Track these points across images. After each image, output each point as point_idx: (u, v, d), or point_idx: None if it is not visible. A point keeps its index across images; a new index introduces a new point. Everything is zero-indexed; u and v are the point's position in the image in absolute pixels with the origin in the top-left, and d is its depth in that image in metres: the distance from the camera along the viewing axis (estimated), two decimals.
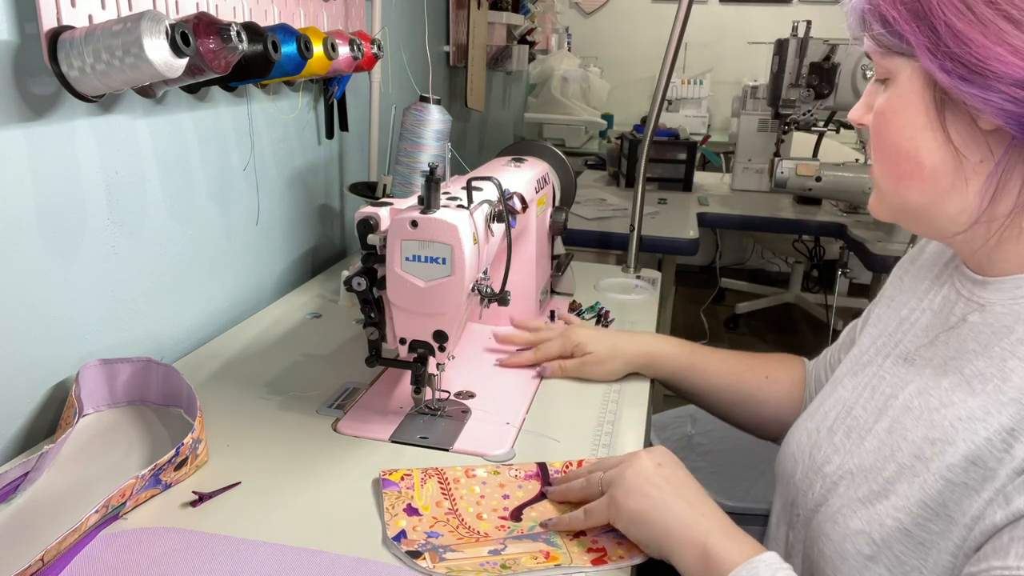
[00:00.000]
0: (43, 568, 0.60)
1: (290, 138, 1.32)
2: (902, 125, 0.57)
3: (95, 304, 0.90)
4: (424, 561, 0.63)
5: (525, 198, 1.02)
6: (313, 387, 0.95)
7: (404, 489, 0.73)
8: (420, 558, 0.63)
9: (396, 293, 0.79)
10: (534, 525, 0.71)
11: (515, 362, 1.03)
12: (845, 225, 2.10)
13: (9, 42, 0.74)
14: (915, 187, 0.59)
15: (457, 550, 0.65)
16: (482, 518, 0.70)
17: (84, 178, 0.86)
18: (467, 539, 0.68)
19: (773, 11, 4.18)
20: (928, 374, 0.62)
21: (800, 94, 2.06)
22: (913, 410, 0.61)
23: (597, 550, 0.67)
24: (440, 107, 1.20)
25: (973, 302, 0.62)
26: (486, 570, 0.62)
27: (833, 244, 3.30)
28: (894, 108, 0.58)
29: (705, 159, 3.04)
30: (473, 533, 0.69)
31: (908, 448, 0.59)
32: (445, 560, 0.63)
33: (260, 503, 0.72)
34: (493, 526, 0.70)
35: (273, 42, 0.93)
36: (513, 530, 0.70)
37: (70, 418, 0.79)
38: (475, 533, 0.69)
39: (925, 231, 0.64)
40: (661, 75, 1.41)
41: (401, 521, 0.69)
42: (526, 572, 0.63)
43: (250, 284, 1.24)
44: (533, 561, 0.64)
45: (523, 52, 3.00)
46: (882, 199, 0.64)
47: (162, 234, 1.00)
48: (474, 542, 0.67)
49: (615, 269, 1.53)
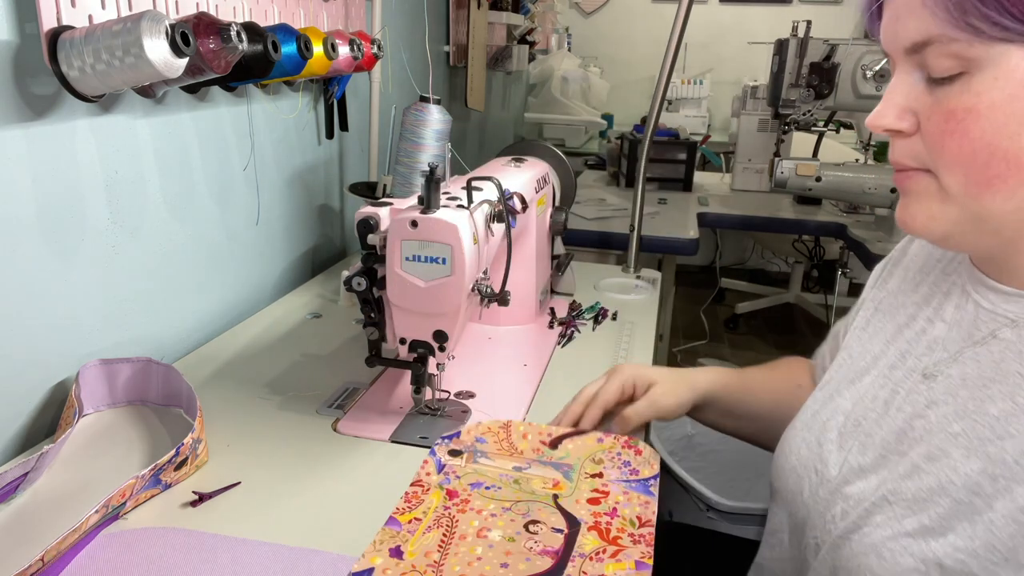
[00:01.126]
0: (43, 568, 0.60)
1: (290, 138, 1.32)
2: (1004, 121, 0.49)
3: (95, 304, 0.90)
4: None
5: (525, 198, 1.02)
6: (313, 387, 0.95)
7: (405, 532, 0.68)
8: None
9: (396, 293, 0.79)
10: (567, 456, 0.80)
11: (571, 421, 0.85)
12: (845, 225, 2.10)
13: (9, 42, 0.74)
14: (1005, 191, 0.51)
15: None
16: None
17: (84, 178, 0.86)
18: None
19: (773, 11, 4.18)
20: (964, 396, 0.56)
21: (800, 94, 2.06)
22: (958, 438, 0.55)
23: (603, 492, 0.74)
24: (440, 107, 1.20)
25: (1001, 316, 0.57)
26: (502, 481, 0.75)
27: (833, 244, 3.30)
28: (992, 102, 0.49)
29: (705, 159, 3.04)
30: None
31: (961, 482, 0.53)
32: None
33: (260, 503, 0.72)
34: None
35: (273, 42, 0.93)
36: (545, 454, 0.80)
37: (70, 418, 0.79)
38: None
39: (978, 244, 0.57)
40: (661, 75, 1.41)
41: (377, 559, 0.64)
42: (529, 493, 0.73)
43: (250, 284, 1.24)
44: (541, 485, 0.74)
45: (523, 52, 3.00)
46: (949, 209, 0.54)
47: (162, 234, 1.00)
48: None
49: (615, 269, 1.53)
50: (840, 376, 0.71)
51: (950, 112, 0.51)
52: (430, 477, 0.75)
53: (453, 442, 0.80)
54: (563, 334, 1.15)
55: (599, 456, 0.79)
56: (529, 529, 0.69)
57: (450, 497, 0.73)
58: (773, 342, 3.52)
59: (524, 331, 1.16)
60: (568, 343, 1.13)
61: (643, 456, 0.79)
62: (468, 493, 0.73)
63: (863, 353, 0.70)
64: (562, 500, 0.73)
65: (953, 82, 0.51)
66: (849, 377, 0.69)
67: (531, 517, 0.70)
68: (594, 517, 0.70)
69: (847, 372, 0.70)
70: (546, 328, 1.17)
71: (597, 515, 0.71)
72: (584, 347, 1.12)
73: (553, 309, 1.24)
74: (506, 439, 0.81)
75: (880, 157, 2.35)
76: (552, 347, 1.11)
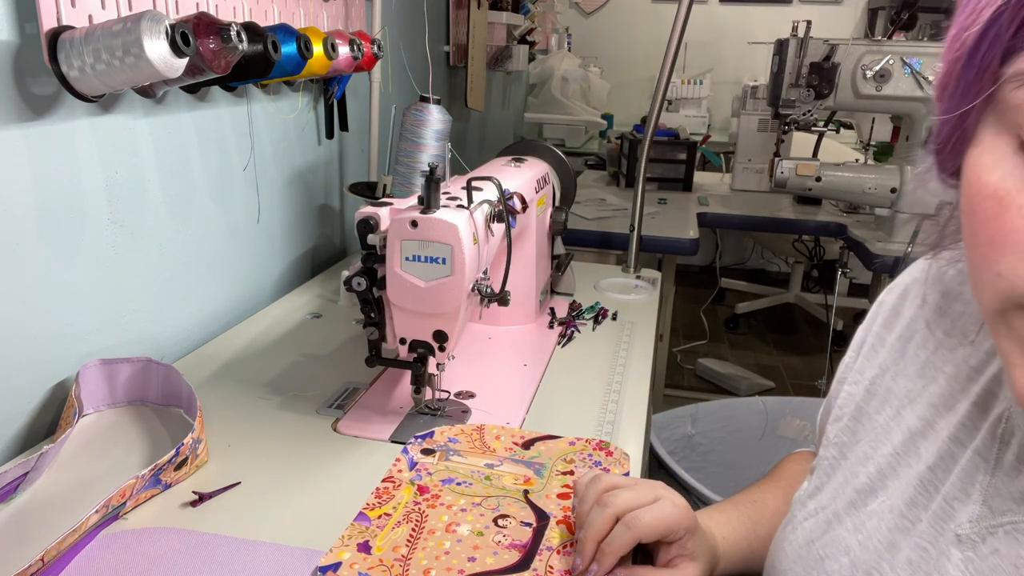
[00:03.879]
0: (43, 568, 0.60)
1: (290, 138, 1.32)
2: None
3: (95, 304, 0.90)
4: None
5: (525, 198, 1.02)
6: (313, 387, 0.95)
7: (374, 527, 0.68)
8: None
9: (396, 293, 0.79)
10: (539, 455, 0.80)
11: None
12: (845, 225, 2.10)
13: (9, 42, 0.74)
14: None
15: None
16: (429, 574, 0.63)
17: (84, 178, 0.86)
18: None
19: (773, 11, 4.18)
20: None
21: (800, 94, 2.06)
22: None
23: (573, 487, 0.72)
24: (440, 107, 1.20)
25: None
26: (474, 477, 0.75)
27: (833, 244, 3.30)
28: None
29: (705, 159, 3.04)
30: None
31: None
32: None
33: (260, 503, 0.72)
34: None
35: (273, 42, 0.93)
36: (517, 453, 0.80)
37: (70, 418, 0.79)
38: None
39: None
40: (661, 75, 1.41)
41: (345, 553, 0.64)
42: (499, 489, 0.73)
43: (250, 284, 1.24)
44: (512, 481, 0.74)
45: (523, 52, 3.00)
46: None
47: (162, 234, 1.00)
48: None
49: (615, 269, 1.53)
50: (835, 486, 0.56)
51: None
52: (401, 474, 0.76)
53: (426, 441, 0.81)
54: (563, 334, 1.15)
55: (571, 456, 0.80)
56: (498, 523, 0.69)
57: (421, 493, 0.73)
58: (773, 342, 3.52)
59: (524, 331, 1.16)
60: (568, 343, 1.13)
61: (613, 456, 0.80)
62: (439, 489, 0.74)
63: (863, 459, 0.54)
64: (532, 495, 0.73)
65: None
66: (850, 497, 0.54)
67: (500, 512, 0.70)
68: (563, 511, 0.71)
69: (844, 486, 0.55)
70: (546, 328, 1.17)
71: (566, 509, 0.71)
72: (584, 347, 1.12)
73: (553, 309, 1.24)
74: (479, 440, 0.82)
75: (880, 157, 2.35)
76: (552, 347, 1.11)
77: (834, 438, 0.58)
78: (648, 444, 1.18)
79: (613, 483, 0.64)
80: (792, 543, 0.57)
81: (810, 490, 0.59)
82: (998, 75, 0.34)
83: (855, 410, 0.57)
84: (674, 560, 0.62)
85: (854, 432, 0.57)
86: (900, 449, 0.52)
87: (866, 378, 0.58)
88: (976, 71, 0.35)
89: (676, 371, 3.10)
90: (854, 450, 0.56)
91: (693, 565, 0.62)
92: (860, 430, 0.56)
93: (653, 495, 0.62)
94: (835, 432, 0.59)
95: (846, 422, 0.58)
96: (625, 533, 0.59)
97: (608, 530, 0.60)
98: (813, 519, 0.56)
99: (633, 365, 1.06)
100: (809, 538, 0.55)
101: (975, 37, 0.34)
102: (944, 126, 0.39)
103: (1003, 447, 0.45)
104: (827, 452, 0.58)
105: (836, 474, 0.57)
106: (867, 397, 0.57)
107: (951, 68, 0.37)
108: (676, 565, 0.62)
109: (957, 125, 0.38)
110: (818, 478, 0.58)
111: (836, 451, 0.58)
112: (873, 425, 0.55)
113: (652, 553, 0.63)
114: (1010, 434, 0.45)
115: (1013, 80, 0.33)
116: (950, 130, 0.38)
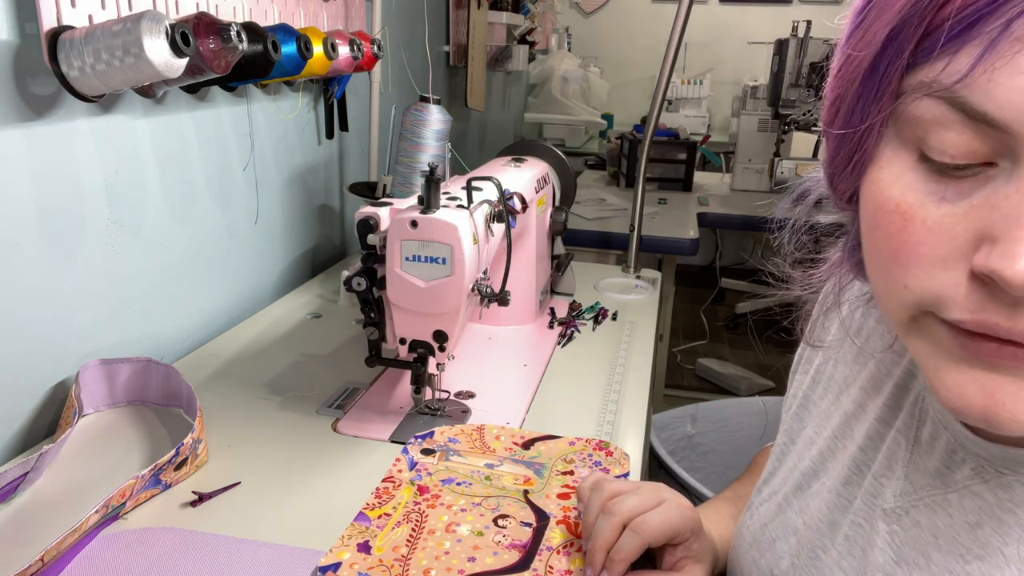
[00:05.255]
0: (43, 568, 0.60)
1: (290, 138, 1.32)
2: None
3: (95, 304, 0.90)
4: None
5: (525, 198, 1.02)
6: (313, 387, 0.95)
7: (374, 527, 0.68)
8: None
9: (396, 293, 0.79)
10: (538, 455, 0.80)
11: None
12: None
13: (9, 42, 0.74)
14: None
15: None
16: (428, 574, 0.63)
17: (84, 178, 0.86)
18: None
19: (773, 11, 4.18)
20: (938, 562, 0.43)
21: (800, 94, 2.06)
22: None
23: (573, 487, 0.73)
24: (440, 107, 1.20)
25: (985, 462, 0.42)
26: (474, 477, 0.75)
27: None
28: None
29: (705, 159, 3.04)
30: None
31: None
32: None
33: (260, 503, 0.72)
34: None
35: (273, 42, 0.93)
36: (517, 453, 0.80)
37: (70, 418, 0.79)
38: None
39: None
40: (661, 75, 1.41)
41: (345, 553, 0.64)
42: (499, 489, 0.73)
43: (250, 284, 1.24)
44: (512, 481, 0.74)
45: (523, 52, 3.00)
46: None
47: (162, 234, 1.00)
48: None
49: (615, 269, 1.53)
50: (785, 471, 0.59)
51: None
52: (401, 474, 0.76)
53: (426, 441, 0.82)
54: (563, 334, 1.15)
55: (571, 456, 0.80)
56: (498, 523, 0.69)
57: (420, 493, 0.73)
58: (773, 342, 3.52)
59: (524, 331, 1.16)
60: (568, 343, 1.13)
61: (613, 456, 0.80)
62: (439, 489, 0.74)
63: (808, 444, 0.57)
64: (532, 495, 0.73)
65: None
66: (796, 481, 0.57)
67: (500, 512, 0.70)
68: (563, 512, 0.71)
69: (792, 470, 0.58)
70: (546, 328, 1.17)
71: (566, 509, 0.71)
72: (584, 347, 1.12)
73: (553, 309, 1.24)
74: (479, 440, 0.83)
75: None
76: (552, 347, 1.11)
77: (786, 426, 0.61)
78: (648, 444, 1.18)
79: (617, 489, 0.64)
80: (749, 528, 0.60)
81: (765, 476, 0.62)
82: (898, 91, 0.34)
83: (803, 398, 0.60)
84: (680, 563, 0.62)
85: (801, 419, 0.59)
86: (837, 432, 0.55)
87: (813, 367, 0.60)
88: (875, 92, 0.35)
89: (676, 371, 3.10)
90: (801, 435, 0.59)
91: (699, 567, 0.62)
92: (807, 416, 0.59)
93: (657, 498, 0.62)
94: (787, 420, 0.61)
95: (795, 409, 0.60)
96: (634, 539, 0.59)
97: (616, 538, 0.60)
98: (767, 504, 0.59)
99: (633, 365, 1.06)
100: (763, 522, 0.58)
101: (870, 60, 0.35)
102: (839, 150, 0.39)
103: (920, 425, 0.48)
104: (780, 439, 0.61)
105: (786, 459, 0.60)
106: (812, 385, 0.60)
107: (843, 93, 0.37)
108: (682, 568, 0.62)
109: (855, 147, 0.37)
110: (771, 464, 0.61)
111: (787, 437, 0.60)
112: (817, 411, 0.58)
113: (655, 555, 0.63)
114: (925, 412, 0.48)
115: (912, 93, 0.33)
116: (847, 153, 0.38)
